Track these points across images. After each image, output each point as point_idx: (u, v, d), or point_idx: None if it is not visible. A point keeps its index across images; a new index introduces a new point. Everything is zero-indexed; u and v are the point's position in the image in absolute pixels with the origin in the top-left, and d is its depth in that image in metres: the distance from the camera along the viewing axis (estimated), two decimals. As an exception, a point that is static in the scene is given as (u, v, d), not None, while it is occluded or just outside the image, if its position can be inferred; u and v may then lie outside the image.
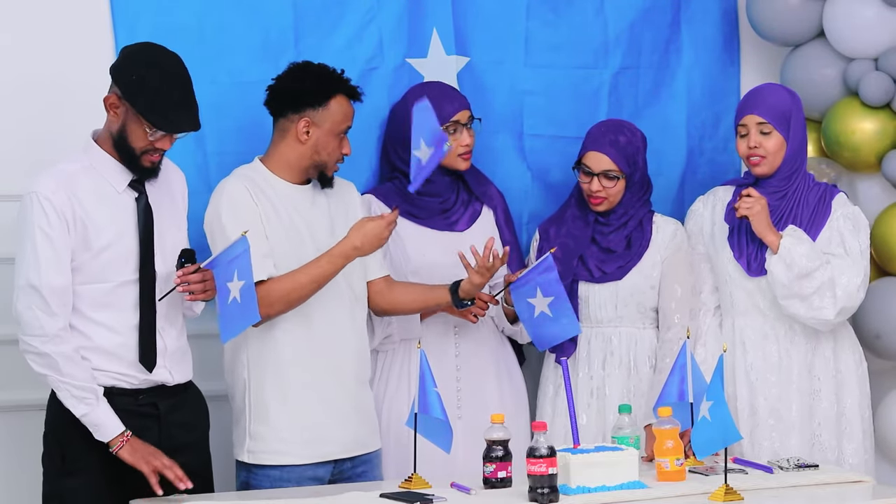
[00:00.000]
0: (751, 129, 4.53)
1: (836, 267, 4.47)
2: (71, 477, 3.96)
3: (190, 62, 4.07)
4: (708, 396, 3.72)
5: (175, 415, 4.05)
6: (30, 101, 4.47)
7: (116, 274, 3.94)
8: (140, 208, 3.99)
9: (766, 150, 4.52)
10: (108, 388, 3.95)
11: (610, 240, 4.65)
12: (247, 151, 4.57)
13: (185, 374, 4.10)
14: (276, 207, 4.24)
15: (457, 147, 4.57)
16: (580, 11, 5.07)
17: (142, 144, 3.93)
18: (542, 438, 3.70)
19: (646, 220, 4.68)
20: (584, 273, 4.64)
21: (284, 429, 4.21)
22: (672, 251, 4.65)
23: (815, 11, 5.04)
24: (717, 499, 3.74)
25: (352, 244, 4.19)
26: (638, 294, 4.63)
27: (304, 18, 4.74)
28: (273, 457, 4.21)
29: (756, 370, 4.56)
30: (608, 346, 4.65)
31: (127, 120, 3.92)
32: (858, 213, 4.59)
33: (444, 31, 4.89)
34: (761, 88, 4.64)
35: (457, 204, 4.65)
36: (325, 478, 4.24)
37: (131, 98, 3.89)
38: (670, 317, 4.62)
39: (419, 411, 3.88)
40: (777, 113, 4.52)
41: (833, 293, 4.45)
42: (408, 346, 4.57)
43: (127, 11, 4.53)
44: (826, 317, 4.47)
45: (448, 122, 4.56)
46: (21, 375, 4.34)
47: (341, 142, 4.30)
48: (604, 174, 4.58)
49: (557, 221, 4.72)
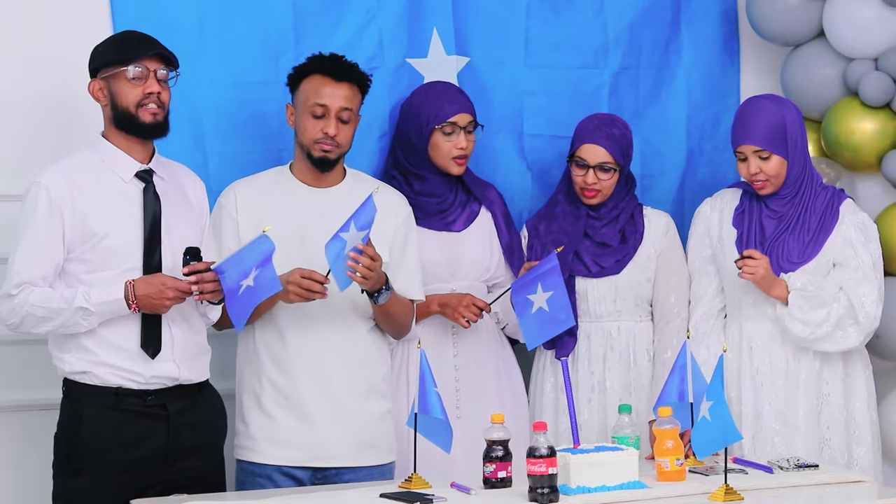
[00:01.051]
0: (749, 156, 4.52)
1: (851, 291, 4.46)
2: (76, 476, 3.97)
3: (190, 62, 4.09)
4: (708, 396, 3.72)
5: (185, 416, 4.04)
6: (30, 102, 4.47)
7: (121, 261, 3.96)
8: (147, 197, 4.01)
9: (768, 173, 4.51)
10: (115, 388, 3.96)
11: (603, 234, 4.65)
12: (247, 151, 4.59)
13: (197, 373, 4.08)
14: (282, 211, 4.24)
15: (451, 149, 4.57)
16: (580, 11, 5.07)
17: (133, 97, 3.99)
18: (542, 438, 3.70)
19: (636, 212, 4.69)
20: (580, 268, 4.64)
21: (253, 426, 4.25)
22: (667, 245, 4.67)
23: (815, 11, 5.04)
24: (717, 499, 3.74)
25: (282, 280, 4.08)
26: (636, 287, 4.64)
27: (304, 18, 4.74)
28: (246, 452, 4.26)
29: (762, 374, 4.55)
30: (608, 341, 4.65)
31: (112, 89, 4.00)
32: (868, 221, 4.59)
33: (445, 31, 4.89)
34: (750, 112, 4.55)
35: (454, 204, 4.64)
36: (306, 480, 4.24)
37: (101, 60, 4.00)
38: (669, 310, 4.63)
39: (419, 411, 3.88)
40: (771, 136, 4.49)
41: (855, 320, 4.47)
42: (406, 348, 4.56)
43: (127, 12, 4.53)
44: (851, 345, 4.50)
45: (444, 123, 4.56)
46: (25, 375, 4.36)
47: (320, 122, 4.25)
48: (599, 166, 4.59)
49: (546, 218, 4.72)
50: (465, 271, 4.60)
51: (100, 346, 3.96)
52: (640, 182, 4.95)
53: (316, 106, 4.25)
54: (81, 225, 3.93)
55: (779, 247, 4.53)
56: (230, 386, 4.34)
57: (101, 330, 3.95)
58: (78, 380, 3.98)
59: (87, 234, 3.94)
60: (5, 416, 4.47)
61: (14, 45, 4.47)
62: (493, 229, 4.69)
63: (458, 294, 4.52)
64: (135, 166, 4.02)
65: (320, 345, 4.25)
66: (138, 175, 4.02)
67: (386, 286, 4.19)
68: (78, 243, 3.94)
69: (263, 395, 4.24)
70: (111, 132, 4.04)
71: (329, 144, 4.26)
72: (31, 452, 4.35)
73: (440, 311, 4.51)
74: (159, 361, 3.99)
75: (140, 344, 3.97)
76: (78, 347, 3.97)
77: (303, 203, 4.29)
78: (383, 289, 4.18)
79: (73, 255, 3.94)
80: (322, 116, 4.25)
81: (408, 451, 4.04)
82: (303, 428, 4.23)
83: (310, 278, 4.08)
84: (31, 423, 4.41)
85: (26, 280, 3.91)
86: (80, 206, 3.93)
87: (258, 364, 4.26)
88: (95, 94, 4.02)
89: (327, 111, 4.25)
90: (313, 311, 4.21)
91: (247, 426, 4.27)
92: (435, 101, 4.59)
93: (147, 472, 3.98)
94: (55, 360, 4.01)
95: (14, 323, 3.95)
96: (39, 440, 4.22)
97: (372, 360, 4.34)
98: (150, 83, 3.99)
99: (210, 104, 4.61)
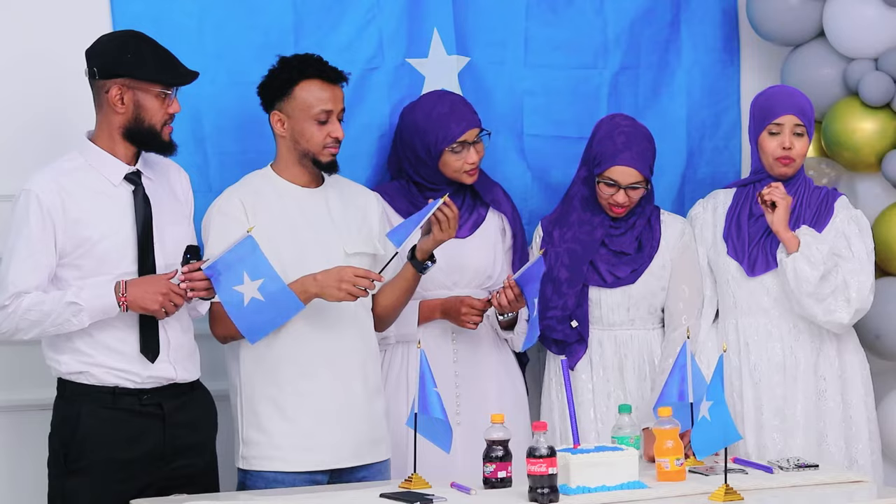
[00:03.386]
0: (786, 129, 4.52)
1: (846, 270, 4.48)
2: (72, 476, 3.96)
3: (190, 62, 4.08)
4: (708, 396, 3.72)
5: (180, 415, 4.04)
6: (29, 102, 4.46)
7: (114, 266, 3.95)
8: (138, 200, 4.00)
9: (797, 151, 4.53)
10: (112, 387, 3.96)
11: (621, 242, 4.62)
12: (247, 151, 4.59)
13: (191, 373, 4.09)
14: (282, 213, 4.24)
15: (463, 164, 4.56)
16: (580, 11, 5.07)
17: (160, 116, 3.99)
18: (542, 438, 3.70)
19: (653, 217, 4.66)
20: (595, 278, 4.61)
21: (276, 435, 4.19)
22: (680, 251, 4.64)
23: (815, 11, 5.04)
24: (717, 499, 3.74)
25: (314, 282, 4.13)
26: (650, 297, 4.61)
27: (304, 18, 4.74)
28: (266, 462, 4.20)
29: (760, 370, 4.55)
30: (622, 350, 4.63)
31: (138, 101, 3.97)
32: (861, 216, 4.60)
33: (445, 30, 4.89)
34: (792, 90, 4.64)
35: (461, 210, 4.61)
36: (323, 482, 4.21)
37: (138, 72, 3.95)
38: (678, 317, 4.61)
39: (419, 411, 3.88)
40: (809, 115, 4.55)
41: (847, 296, 4.46)
42: (406, 349, 4.56)
43: (127, 13, 4.52)
44: (841, 319, 4.48)
45: (454, 143, 4.55)
46: (22, 375, 4.35)
47: (325, 126, 4.25)
48: (630, 186, 4.56)
49: (561, 224, 4.67)
50: (468, 279, 4.60)
51: (96, 349, 3.95)
52: (640, 182, 4.96)
53: (322, 112, 4.24)
54: (74, 230, 3.92)
55: (773, 240, 4.53)
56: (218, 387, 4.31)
57: (98, 333, 3.94)
58: (74, 379, 3.97)
59: (81, 239, 3.92)
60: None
61: (14, 44, 4.47)
62: (499, 235, 4.68)
63: (455, 298, 4.51)
64: (123, 169, 4.00)
65: (339, 344, 4.23)
66: (127, 178, 4.01)
67: (433, 259, 4.31)
68: (70, 249, 3.92)
69: (286, 402, 4.19)
70: (106, 136, 4.00)
71: (336, 147, 4.27)
72: (25, 453, 4.33)
73: (444, 317, 4.52)
74: (156, 363, 3.99)
75: (140, 349, 3.97)
76: (73, 350, 3.96)
77: (303, 203, 4.28)
78: (431, 261, 4.32)
79: (65, 260, 3.93)
80: (326, 122, 4.26)
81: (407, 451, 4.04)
82: (327, 431, 4.20)
83: (365, 277, 4.11)
84: (25, 423, 4.39)
85: (21, 290, 3.89)
86: (71, 212, 3.92)
87: (276, 370, 4.20)
88: (113, 97, 3.96)
89: (330, 115, 4.26)
90: (329, 310, 4.20)
91: (268, 435, 4.19)
92: (441, 121, 4.56)
93: (143, 472, 3.98)
94: (50, 362, 4.01)
95: (8, 332, 3.93)
96: (33, 441, 4.22)
97: (378, 357, 4.37)
98: (175, 104, 4.01)
99: (210, 104, 4.61)
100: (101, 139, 4.01)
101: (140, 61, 3.97)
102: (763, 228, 4.55)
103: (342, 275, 4.11)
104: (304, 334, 4.20)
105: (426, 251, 4.30)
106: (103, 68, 3.98)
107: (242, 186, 4.31)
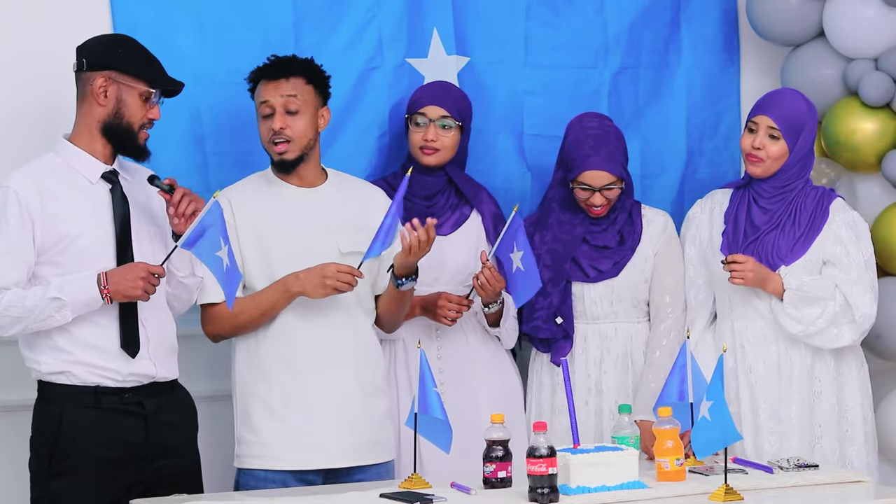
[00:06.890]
0: (760, 128, 4.52)
1: (845, 285, 4.47)
2: (58, 478, 3.95)
3: (190, 62, 4.09)
4: (708, 396, 3.72)
5: (162, 414, 4.04)
6: (28, 102, 4.47)
7: (94, 263, 3.94)
8: (115, 198, 4.01)
9: (768, 153, 4.52)
10: (94, 386, 3.95)
11: (603, 237, 4.64)
12: (247, 151, 4.58)
13: (170, 371, 4.09)
14: (272, 213, 4.24)
15: (419, 140, 4.56)
16: (580, 11, 5.07)
17: (139, 116, 4.00)
18: (542, 438, 3.69)
19: (634, 211, 4.68)
20: (578, 274, 4.63)
21: (265, 433, 4.20)
22: (664, 244, 4.66)
23: (815, 11, 5.04)
24: (717, 499, 3.74)
25: (296, 280, 4.16)
26: (632, 288, 4.64)
27: (304, 18, 4.74)
28: (256, 461, 4.21)
29: (756, 372, 4.56)
30: (605, 343, 4.65)
31: (121, 96, 3.99)
32: (858, 219, 4.59)
33: (445, 30, 4.89)
34: (783, 93, 4.63)
35: (444, 207, 4.62)
36: (318, 482, 4.21)
37: (125, 66, 3.98)
38: (664, 310, 4.63)
39: (419, 411, 3.88)
40: (791, 122, 4.51)
41: (851, 318, 4.47)
42: (391, 346, 4.56)
43: (127, 12, 4.53)
44: (844, 343, 4.50)
45: (415, 113, 4.56)
46: (7, 375, 4.33)
47: (268, 121, 4.24)
48: (605, 188, 4.57)
49: (541, 226, 4.68)
50: (448, 275, 4.59)
51: (76, 346, 3.95)
52: (640, 182, 4.96)
53: (262, 105, 4.25)
54: (53, 227, 3.92)
55: (768, 243, 4.53)
56: (201, 388, 4.30)
57: (76, 330, 3.94)
58: (55, 381, 3.96)
59: (60, 235, 3.92)
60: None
61: (14, 44, 4.47)
62: (482, 233, 4.67)
63: (434, 295, 4.51)
64: (100, 167, 4.01)
65: (330, 343, 4.23)
66: (104, 176, 4.01)
67: (415, 274, 4.26)
68: (49, 245, 3.92)
69: (275, 400, 4.20)
70: (85, 132, 4.01)
71: (280, 141, 4.24)
72: (12, 454, 4.27)
73: (423, 314, 4.52)
74: (136, 360, 3.99)
75: (120, 344, 3.97)
76: (52, 348, 3.95)
77: (297, 203, 4.28)
78: (414, 276, 4.26)
79: (44, 257, 3.92)
80: (270, 115, 4.25)
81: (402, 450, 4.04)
82: (318, 430, 4.20)
83: (346, 272, 4.12)
84: (15, 423, 4.31)
85: (2, 286, 3.88)
86: (50, 209, 3.92)
87: (266, 369, 4.21)
88: (97, 89, 3.98)
89: (272, 107, 4.24)
90: (320, 309, 4.20)
91: (258, 434, 4.21)
92: (416, 93, 4.62)
93: (127, 471, 3.97)
94: (29, 363, 4.00)
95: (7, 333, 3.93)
96: (12, 443, 4.21)
97: (376, 357, 4.35)
98: (155, 110, 4.03)
99: (210, 104, 4.61)
100: (79, 136, 4.02)
101: (129, 57, 4.00)
102: (759, 231, 4.55)
103: (325, 271, 4.13)
104: (295, 334, 4.21)
105: (403, 266, 4.25)
106: (91, 59, 4.00)
107: (235, 187, 4.32)
